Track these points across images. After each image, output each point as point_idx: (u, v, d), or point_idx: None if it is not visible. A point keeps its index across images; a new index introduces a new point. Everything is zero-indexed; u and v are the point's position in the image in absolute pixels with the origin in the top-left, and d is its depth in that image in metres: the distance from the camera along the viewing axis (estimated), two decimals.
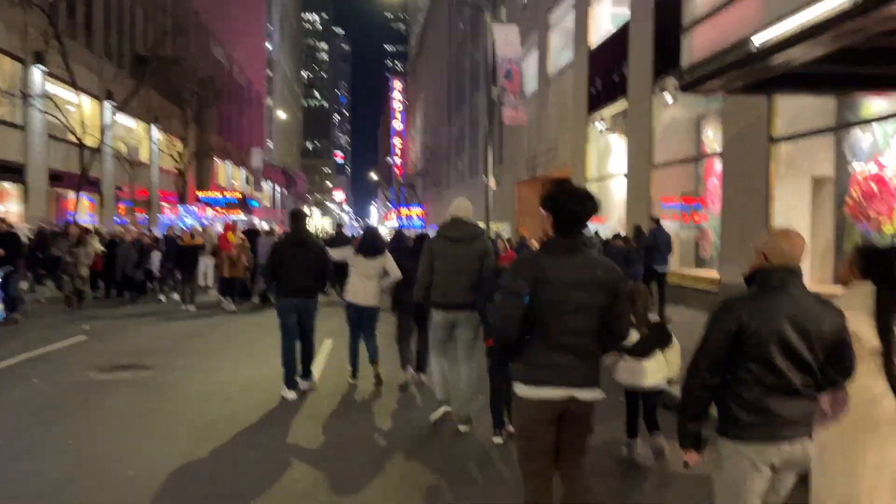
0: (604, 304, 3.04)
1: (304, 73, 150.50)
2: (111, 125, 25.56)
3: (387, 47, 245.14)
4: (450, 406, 5.90)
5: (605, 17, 18.66)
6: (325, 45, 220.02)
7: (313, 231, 24.10)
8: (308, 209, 77.17)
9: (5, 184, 21.63)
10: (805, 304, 2.70)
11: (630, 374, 4.79)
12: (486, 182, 20.42)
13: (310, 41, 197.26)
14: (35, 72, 22.22)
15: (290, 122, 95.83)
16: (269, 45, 78.99)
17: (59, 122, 21.84)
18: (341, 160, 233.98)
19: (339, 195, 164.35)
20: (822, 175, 9.89)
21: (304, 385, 7.01)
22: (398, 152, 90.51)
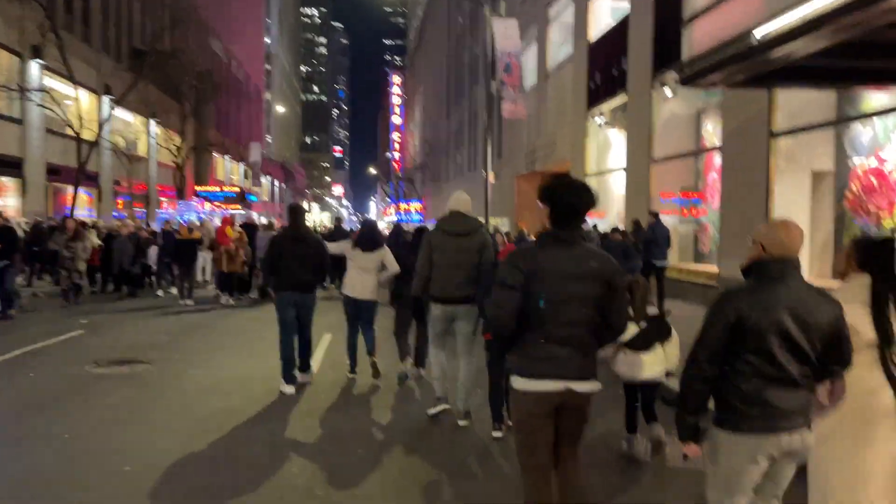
0: (600, 297, 3.03)
1: (302, 68, 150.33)
2: (109, 119, 25.49)
3: (385, 41, 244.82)
4: (448, 404, 5.90)
5: (604, 11, 18.58)
6: (323, 40, 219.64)
7: (311, 226, 24.05)
8: (307, 204, 77.13)
9: (3, 178, 21.59)
10: (803, 295, 2.71)
11: (628, 366, 4.79)
12: (485, 176, 20.38)
13: (308, 35, 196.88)
14: (32, 66, 22.16)
15: (288, 116, 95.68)
16: (267, 40, 78.81)
17: (57, 116, 21.77)
18: (340, 154, 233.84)
19: (338, 190, 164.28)
20: (821, 169, 9.86)
21: (301, 378, 7.01)
22: (397, 147, 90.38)
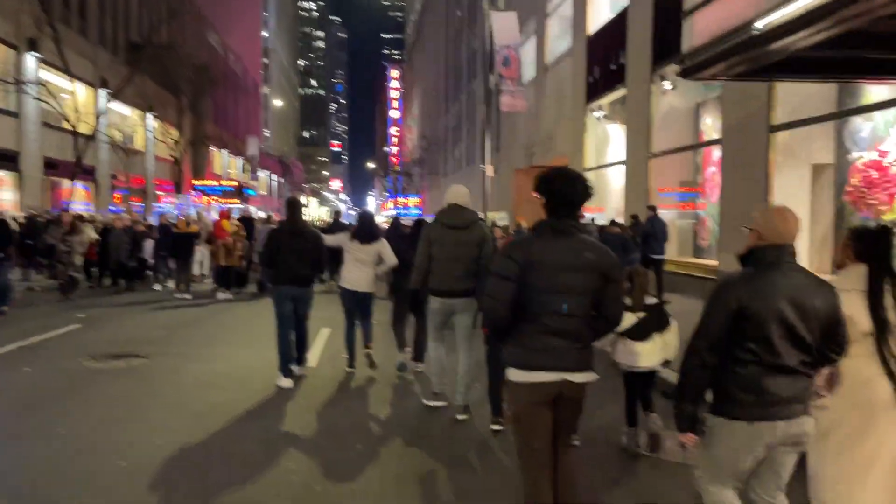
0: (596, 288, 3.02)
1: (300, 62, 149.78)
2: (105, 112, 25.39)
3: (384, 35, 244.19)
4: (446, 400, 5.90)
5: (603, 4, 18.50)
6: (321, 34, 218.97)
7: (308, 220, 23.98)
8: (305, 198, 77.01)
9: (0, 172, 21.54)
10: (801, 282, 2.72)
11: (627, 355, 4.79)
12: (483, 170, 20.31)
13: (306, 29, 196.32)
14: (28, 58, 22.03)
15: (286, 110, 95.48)
16: (265, 33, 78.60)
17: (54, 109, 21.67)
18: (338, 149, 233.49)
19: (336, 184, 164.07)
20: (821, 163, 9.83)
21: (297, 371, 6.99)
22: (395, 141, 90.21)
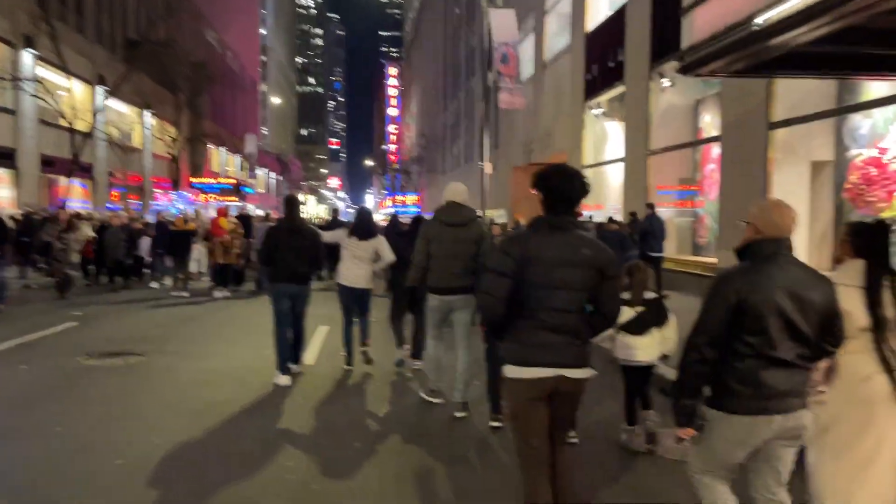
0: (592, 285, 3.02)
1: (298, 59, 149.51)
2: (103, 109, 25.31)
3: (382, 33, 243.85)
4: (443, 398, 5.90)
5: (602, 1, 18.46)
6: (319, 31, 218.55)
7: (307, 218, 23.97)
8: (303, 196, 76.93)
9: None
10: (798, 275, 2.73)
11: (624, 349, 4.78)
12: (481, 167, 20.28)
13: (304, 26, 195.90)
14: (25, 55, 21.94)
15: (284, 108, 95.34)
16: (262, 31, 78.45)
17: (51, 106, 21.59)
18: (336, 147, 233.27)
19: (335, 182, 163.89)
20: (821, 160, 9.81)
21: (294, 369, 6.97)
22: (393, 139, 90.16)
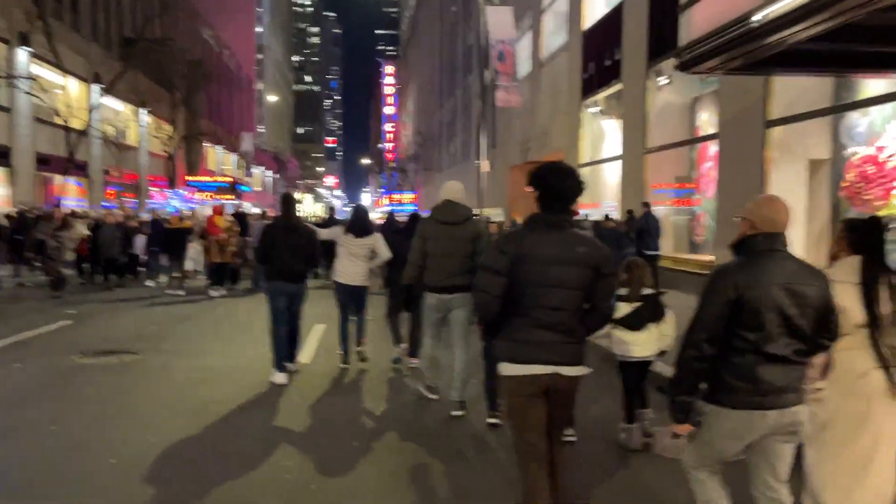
0: (587, 282, 3.01)
1: (294, 57, 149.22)
2: (98, 107, 25.22)
3: (378, 31, 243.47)
4: (438, 394, 5.89)
5: None
6: (315, 29, 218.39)
7: (303, 216, 23.91)
8: (299, 195, 76.87)
9: None
10: (793, 270, 2.73)
11: (621, 344, 4.77)
12: (478, 166, 20.27)
13: (300, 25, 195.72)
14: (20, 53, 21.83)
15: (280, 106, 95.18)
16: (259, 29, 78.30)
17: (46, 104, 21.49)
18: (333, 145, 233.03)
19: (331, 180, 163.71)
20: (818, 158, 9.81)
21: (289, 367, 6.93)
22: (390, 137, 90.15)
